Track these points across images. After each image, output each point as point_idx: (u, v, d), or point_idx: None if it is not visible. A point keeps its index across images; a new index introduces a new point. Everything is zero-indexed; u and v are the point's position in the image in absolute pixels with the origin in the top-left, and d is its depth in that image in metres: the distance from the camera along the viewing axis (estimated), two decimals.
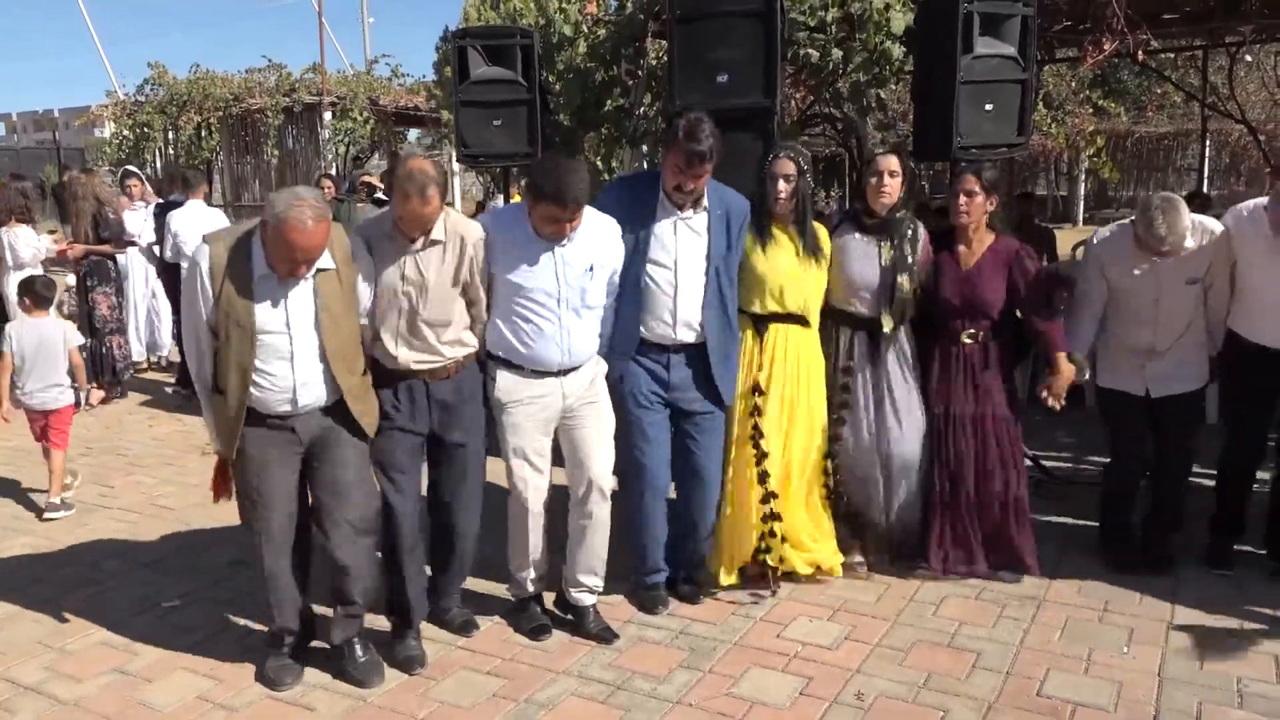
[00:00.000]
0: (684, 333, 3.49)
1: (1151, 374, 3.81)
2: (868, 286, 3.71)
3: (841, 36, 5.04)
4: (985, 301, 3.72)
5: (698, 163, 3.30)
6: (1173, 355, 3.79)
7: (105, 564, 4.20)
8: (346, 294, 3.08)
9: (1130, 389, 3.85)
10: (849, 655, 3.29)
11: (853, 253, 3.72)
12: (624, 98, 5.68)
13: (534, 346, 3.27)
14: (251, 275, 2.95)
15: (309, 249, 2.87)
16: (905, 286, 3.69)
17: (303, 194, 2.90)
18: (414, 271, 3.15)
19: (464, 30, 5.09)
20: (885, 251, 3.69)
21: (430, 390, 3.26)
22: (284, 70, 14.19)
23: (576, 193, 3.11)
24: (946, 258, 3.78)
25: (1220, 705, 2.95)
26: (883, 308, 3.70)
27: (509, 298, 3.27)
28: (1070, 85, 14.43)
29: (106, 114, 15.44)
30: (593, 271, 3.29)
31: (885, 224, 3.70)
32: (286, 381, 3.01)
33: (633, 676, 3.19)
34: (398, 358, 3.20)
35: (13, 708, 3.08)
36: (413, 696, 3.10)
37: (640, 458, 3.52)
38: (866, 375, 3.78)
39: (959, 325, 3.77)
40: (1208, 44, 8.27)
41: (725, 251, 3.50)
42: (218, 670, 3.28)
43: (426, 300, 3.17)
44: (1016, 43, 4.13)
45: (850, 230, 3.75)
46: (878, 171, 3.66)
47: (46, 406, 4.93)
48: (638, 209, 3.45)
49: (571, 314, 3.28)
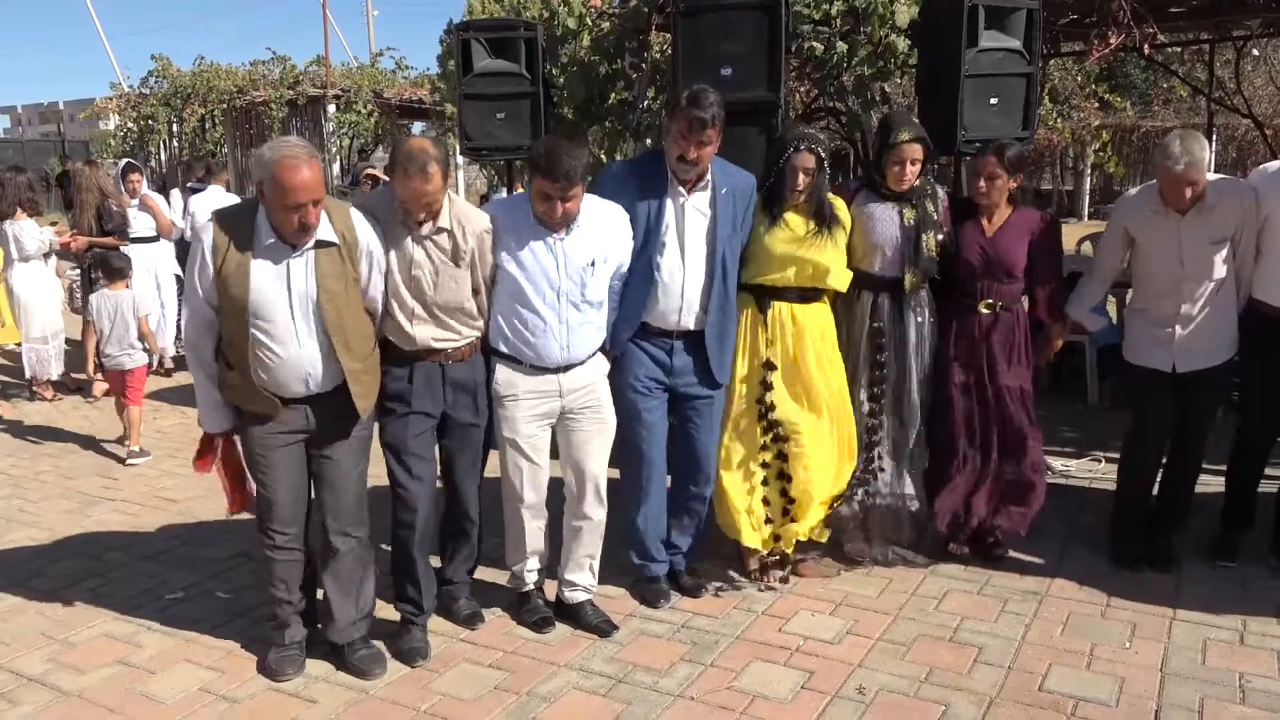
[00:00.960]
0: (689, 318, 3.47)
1: (1179, 348, 3.72)
2: (891, 244, 3.69)
3: (846, 30, 5.02)
4: (1007, 264, 3.73)
5: (699, 128, 3.26)
6: (1200, 327, 3.69)
7: (108, 556, 4.22)
8: (349, 270, 3.04)
9: (1157, 364, 3.78)
10: (851, 649, 3.29)
11: (874, 215, 3.70)
12: (628, 91, 5.67)
13: (533, 341, 3.25)
14: (255, 247, 2.94)
15: (307, 186, 2.84)
16: (930, 244, 3.68)
17: (286, 139, 2.97)
18: (423, 257, 3.14)
19: (468, 23, 5.07)
20: (908, 212, 3.68)
21: (446, 372, 3.25)
22: (288, 63, 14.18)
23: (568, 167, 3.06)
24: (969, 222, 3.79)
25: (1222, 700, 2.95)
26: (906, 267, 3.69)
27: (509, 289, 3.26)
28: (1076, 79, 14.37)
29: (111, 106, 15.43)
30: (594, 266, 3.26)
31: (905, 193, 3.69)
32: (295, 360, 2.99)
33: (634, 670, 3.19)
34: (415, 336, 3.18)
35: (16, 699, 3.09)
36: (414, 689, 3.11)
37: (639, 444, 3.52)
38: (889, 337, 3.78)
39: (979, 291, 3.77)
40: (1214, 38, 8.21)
41: (731, 231, 3.48)
42: (221, 662, 3.29)
43: (438, 284, 3.16)
44: (1022, 36, 4.12)
45: (870, 199, 3.73)
46: (900, 160, 3.62)
47: (123, 367, 5.71)
48: (642, 190, 3.42)
49: (571, 308, 3.25)
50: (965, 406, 3.82)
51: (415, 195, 3.03)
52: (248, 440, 3.12)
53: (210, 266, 2.94)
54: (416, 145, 3.01)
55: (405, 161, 3.00)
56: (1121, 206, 3.89)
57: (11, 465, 5.59)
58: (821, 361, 3.64)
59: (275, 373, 3.00)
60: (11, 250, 6.86)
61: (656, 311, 3.46)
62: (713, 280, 3.45)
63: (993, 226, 3.77)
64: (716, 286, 3.46)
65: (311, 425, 3.11)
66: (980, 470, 3.84)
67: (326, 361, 3.03)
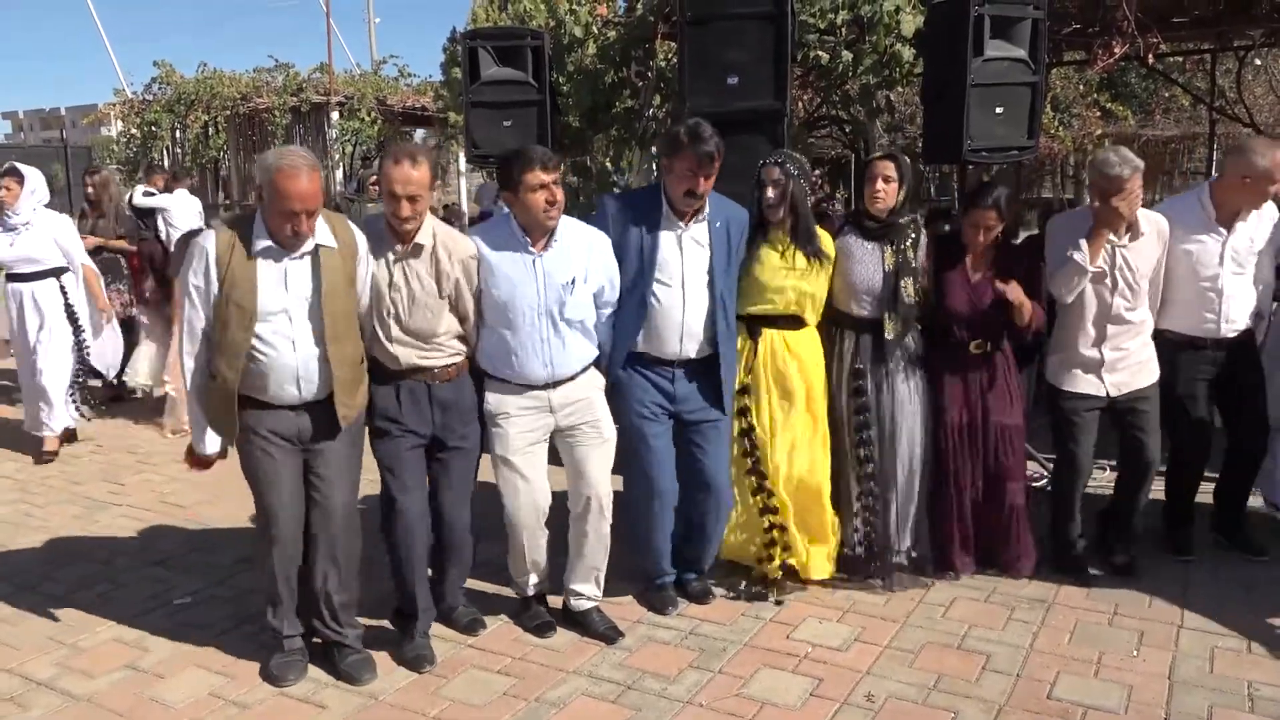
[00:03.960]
0: (690, 348, 3.49)
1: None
2: (870, 290, 3.71)
3: (851, 39, 5.05)
4: (994, 312, 3.71)
5: (708, 162, 3.32)
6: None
7: (116, 561, 4.22)
8: (347, 275, 3.07)
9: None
10: (859, 657, 3.29)
11: (855, 256, 3.72)
12: (633, 99, 5.70)
13: (517, 358, 3.28)
14: (252, 250, 2.97)
15: (304, 195, 2.88)
16: (909, 290, 3.69)
17: (291, 147, 3.03)
18: (401, 278, 3.17)
19: (475, 31, 5.11)
20: (888, 256, 3.69)
21: (432, 392, 3.26)
22: (291, 70, 14.22)
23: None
24: (953, 268, 3.77)
25: (1231, 709, 2.95)
26: (886, 312, 3.70)
27: (490, 308, 3.29)
28: (1078, 88, 14.40)
29: (114, 112, 15.51)
30: (574, 285, 3.28)
31: (887, 228, 3.70)
32: (290, 365, 3.01)
33: (643, 676, 3.20)
34: (398, 356, 3.21)
35: (26, 703, 3.10)
36: (423, 695, 3.11)
37: (646, 468, 3.52)
38: (871, 378, 3.77)
39: (967, 335, 3.77)
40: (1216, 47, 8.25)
41: (726, 264, 3.52)
42: (230, 667, 3.29)
43: (412, 310, 3.18)
44: (1027, 45, 4.13)
45: (851, 234, 3.75)
46: (872, 177, 3.68)
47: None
48: (640, 225, 3.45)
49: (550, 326, 3.27)
50: (958, 448, 3.79)
51: (402, 179, 3.04)
52: (247, 452, 3.12)
53: (214, 276, 2.96)
54: (409, 142, 3.12)
55: (396, 150, 3.14)
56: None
57: (18, 470, 5.59)
58: (813, 392, 3.67)
59: (268, 376, 3.01)
60: None
61: (657, 341, 3.48)
62: (714, 309, 3.48)
63: (977, 269, 3.75)
64: (719, 315, 3.49)
65: (304, 433, 3.11)
66: (974, 512, 3.82)
67: (320, 366, 3.05)
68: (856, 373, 3.76)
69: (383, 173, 3.12)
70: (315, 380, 3.06)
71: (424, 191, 3.10)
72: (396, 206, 3.08)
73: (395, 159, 3.08)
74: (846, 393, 3.76)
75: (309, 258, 3.02)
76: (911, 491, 3.79)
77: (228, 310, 2.97)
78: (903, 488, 3.78)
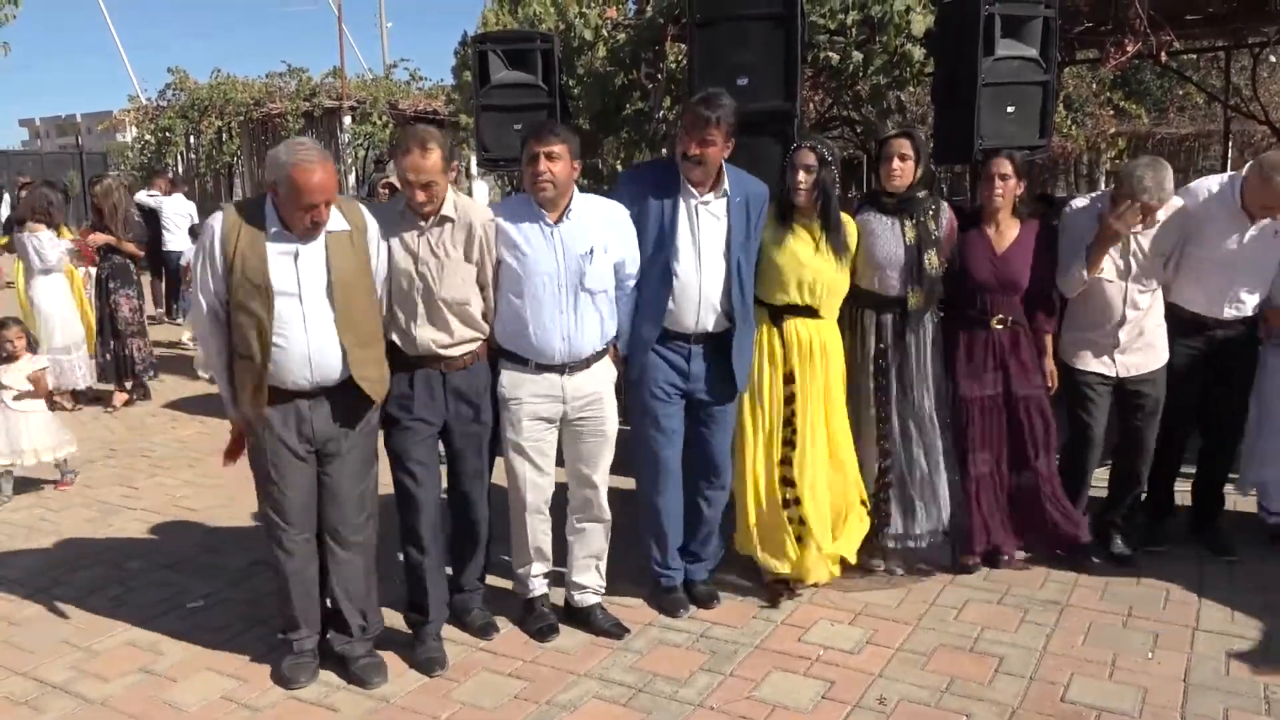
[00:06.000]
0: (707, 320, 3.48)
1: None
2: (892, 264, 3.69)
3: (862, 39, 5.04)
4: (1017, 281, 3.74)
5: (701, 125, 3.30)
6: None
7: (129, 564, 4.24)
8: (360, 259, 3.07)
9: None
10: (871, 659, 3.28)
11: (875, 232, 3.70)
12: (643, 101, 5.70)
13: (533, 331, 3.27)
14: (264, 235, 2.98)
15: (321, 188, 2.89)
16: (933, 262, 3.68)
17: (300, 140, 3.01)
18: (427, 251, 3.18)
19: (485, 35, 5.11)
20: (909, 229, 3.68)
21: (447, 380, 3.27)
22: (304, 75, 14.31)
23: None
24: (977, 238, 3.79)
25: (1247, 712, 2.93)
26: (910, 286, 3.68)
27: (509, 280, 3.29)
28: (1091, 87, 14.33)
29: (128, 119, 15.62)
30: (592, 255, 3.28)
31: (905, 203, 3.69)
32: (301, 347, 3.00)
33: (654, 679, 3.19)
34: (416, 339, 3.21)
35: (41, 706, 3.12)
36: (434, 698, 3.11)
37: (655, 448, 3.54)
38: (892, 359, 3.76)
39: (990, 306, 3.77)
40: (1230, 45, 8.20)
41: (745, 239, 3.49)
42: (242, 670, 3.30)
43: (443, 278, 3.19)
44: (1038, 44, 4.12)
45: (870, 211, 3.75)
46: (888, 155, 3.67)
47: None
48: (656, 196, 3.44)
49: (570, 297, 3.27)
50: (983, 425, 3.81)
51: (414, 167, 3.06)
52: (259, 444, 3.13)
53: (220, 256, 2.97)
54: (419, 126, 3.14)
55: (406, 138, 3.11)
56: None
57: (27, 473, 5.62)
58: (832, 381, 3.66)
59: (281, 360, 3.01)
60: (34, 261, 6.92)
61: (676, 313, 3.47)
62: (730, 284, 3.47)
63: (1002, 242, 3.77)
64: (735, 291, 3.47)
65: (316, 422, 3.10)
66: (1002, 489, 3.84)
67: (333, 350, 3.04)
68: (880, 353, 3.75)
69: (395, 162, 3.15)
70: (329, 365, 3.05)
71: (437, 176, 3.11)
72: (412, 194, 3.11)
73: (405, 148, 3.09)
74: (868, 374, 3.76)
75: (321, 240, 3.02)
76: (938, 469, 3.78)
77: (243, 289, 2.97)
78: (927, 467, 3.77)
